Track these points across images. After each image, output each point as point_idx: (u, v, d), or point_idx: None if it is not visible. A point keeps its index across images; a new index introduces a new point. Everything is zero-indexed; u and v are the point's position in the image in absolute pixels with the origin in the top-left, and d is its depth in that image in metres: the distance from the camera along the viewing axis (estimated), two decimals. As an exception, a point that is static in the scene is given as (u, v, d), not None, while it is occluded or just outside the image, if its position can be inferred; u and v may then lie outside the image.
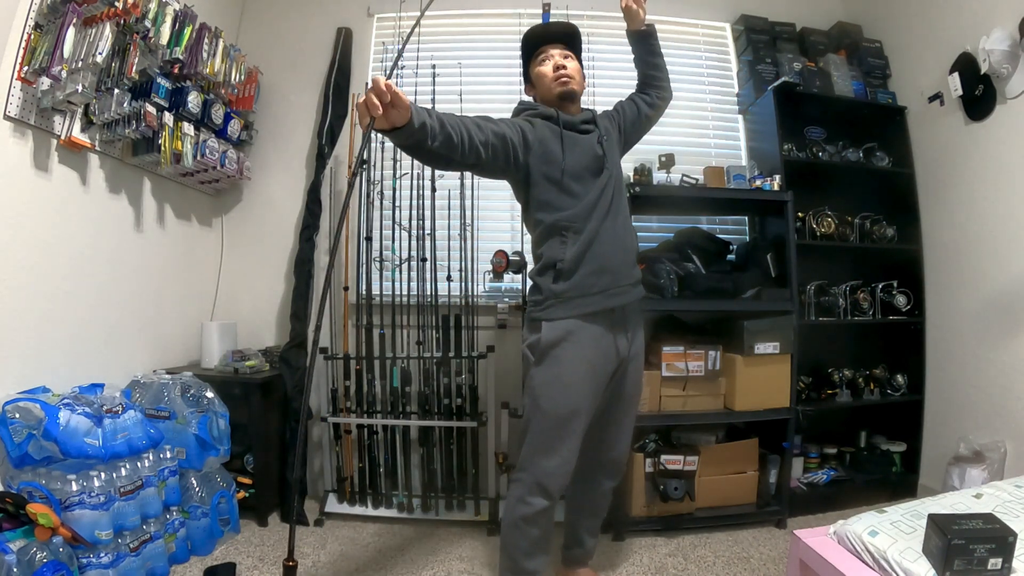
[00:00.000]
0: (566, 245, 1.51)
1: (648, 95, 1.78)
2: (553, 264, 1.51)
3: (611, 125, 1.70)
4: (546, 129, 1.54)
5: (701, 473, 2.19)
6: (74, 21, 1.64)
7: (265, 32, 2.77)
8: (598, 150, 1.58)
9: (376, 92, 1.14)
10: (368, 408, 2.36)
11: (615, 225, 1.57)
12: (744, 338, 2.17)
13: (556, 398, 1.49)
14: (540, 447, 1.51)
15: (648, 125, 1.83)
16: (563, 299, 1.50)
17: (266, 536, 2.13)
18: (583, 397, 1.51)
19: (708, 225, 2.67)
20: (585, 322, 1.51)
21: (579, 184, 1.54)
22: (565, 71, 1.61)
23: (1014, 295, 2.15)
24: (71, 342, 1.85)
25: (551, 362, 1.50)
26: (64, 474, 1.54)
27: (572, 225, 1.51)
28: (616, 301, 1.55)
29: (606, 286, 1.53)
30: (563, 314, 1.50)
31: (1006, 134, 2.18)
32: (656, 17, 2.79)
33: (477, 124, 1.40)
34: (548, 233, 1.55)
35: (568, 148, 1.54)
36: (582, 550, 1.78)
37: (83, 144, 1.83)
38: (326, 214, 2.58)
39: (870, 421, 2.68)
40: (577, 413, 1.50)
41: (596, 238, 1.52)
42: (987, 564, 1.02)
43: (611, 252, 1.54)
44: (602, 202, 1.54)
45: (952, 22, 2.39)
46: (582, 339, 1.50)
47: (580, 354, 1.50)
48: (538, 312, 1.53)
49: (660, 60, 1.79)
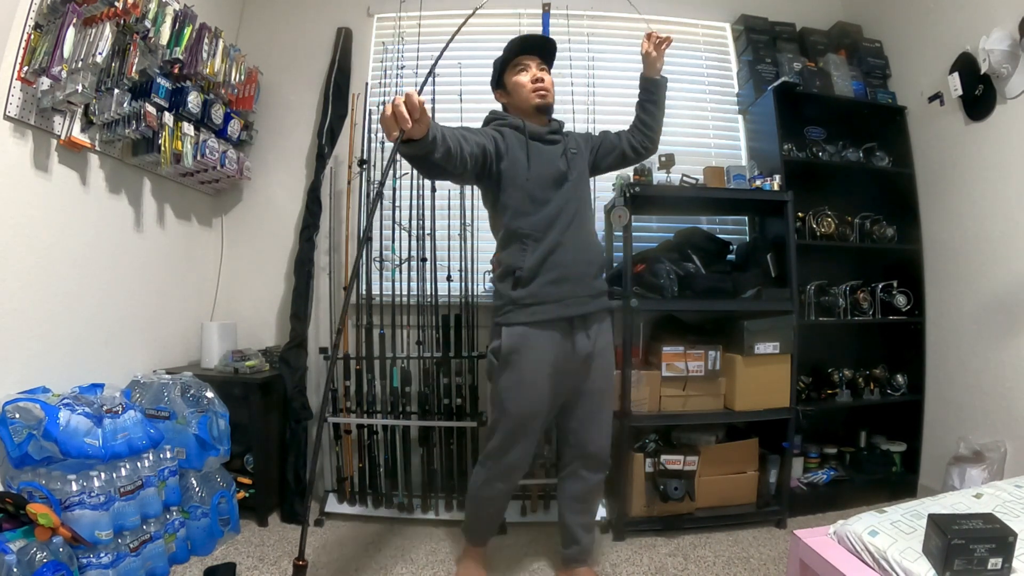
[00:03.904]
0: (526, 253, 1.58)
1: (635, 138, 1.83)
2: (512, 271, 1.59)
3: (584, 144, 1.77)
4: (513, 138, 1.61)
5: (701, 473, 2.18)
6: (74, 21, 1.64)
7: (265, 32, 2.77)
8: (561, 163, 1.64)
9: (410, 107, 1.20)
10: (368, 408, 2.36)
11: (577, 236, 1.62)
12: (744, 338, 2.17)
13: (519, 401, 1.59)
14: (505, 443, 1.64)
15: (622, 164, 1.91)
16: (520, 305, 1.57)
17: (266, 536, 2.13)
18: (543, 398, 1.60)
19: (708, 225, 2.67)
20: (542, 328, 1.57)
21: (542, 193, 1.60)
22: (543, 84, 1.67)
23: (1014, 295, 2.15)
24: (71, 342, 1.84)
25: (513, 367, 1.58)
26: (64, 474, 1.53)
27: (533, 233, 1.58)
28: (573, 311, 1.60)
29: (563, 295, 1.58)
30: (520, 319, 1.57)
31: (1006, 134, 2.18)
32: (656, 17, 2.82)
33: (464, 136, 1.47)
34: (509, 240, 1.62)
35: (533, 157, 1.60)
36: (579, 548, 1.79)
37: (83, 144, 1.83)
38: (326, 214, 2.58)
39: (870, 421, 2.68)
40: (537, 414, 1.61)
41: (557, 248, 1.58)
42: (987, 564, 1.02)
43: (571, 262, 1.60)
44: (564, 213, 1.60)
45: (952, 22, 2.39)
46: (539, 343, 1.57)
47: (539, 357, 1.57)
48: (498, 317, 1.62)
49: (660, 113, 1.83)
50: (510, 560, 1.99)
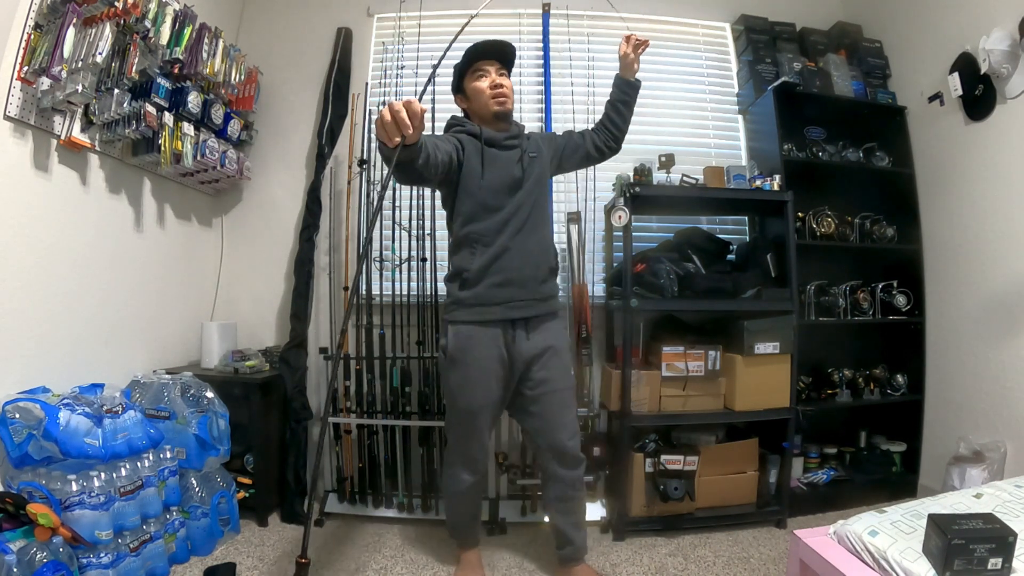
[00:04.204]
0: (474, 256, 1.63)
1: (600, 137, 1.87)
2: (460, 273, 1.65)
3: (546, 146, 1.80)
4: (470, 144, 1.64)
5: (701, 473, 2.18)
6: (74, 21, 1.64)
7: (265, 32, 2.77)
8: (516, 170, 1.67)
9: (411, 114, 1.22)
10: (368, 408, 2.36)
11: (527, 241, 1.66)
12: (744, 338, 2.17)
13: (468, 397, 1.66)
14: (462, 436, 1.73)
15: (586, 163, 1.97)
16: (465, 305, 1.64)
17: (266, 536, 2.13)
18: (491, 393, 1.67)
19: (708, 225, 2.67)
20: (486, 327, 1.63)
21: (495, 199, 1.64)
22: (502, 90, 1.70)
23: (1014, 295, 2.15)
24: (71, 342, 1.84)
25: (460, 366, 1.65)
26: (64, 474, 1.53)
27: (483, 238, 1.63)
28: (517, 314, 1.65)
29: (508, 298, 1.63)
30: (465, 318, 1.64)
31: (1006, 134, 2.18)
32: (656, 17, 2.83)
33: (436, 142, 1.51)
34: (461, 243, 1.67)
35: (488, 164, 1.64)
36: (573, 547, 1.81)
37: (83, 144, 1.83)
38: (326, 214, 2.58)
39: (870, 421, 2.68)
40: (487, 407, 1.68)
41: (504, 252, 1.63)
42: (987, 564, 1.02)
43: (518, 266, 1.64)
44: (516, 218, 1.64)
45: (952, 22, 2.39)
46: (484, 341, 1.63)
47: (484, 354, 1.63)
48: (446, 315, 1.70)
49: (628, 114, 1.87)
50: (510, 560, 1.99)
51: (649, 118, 2.73)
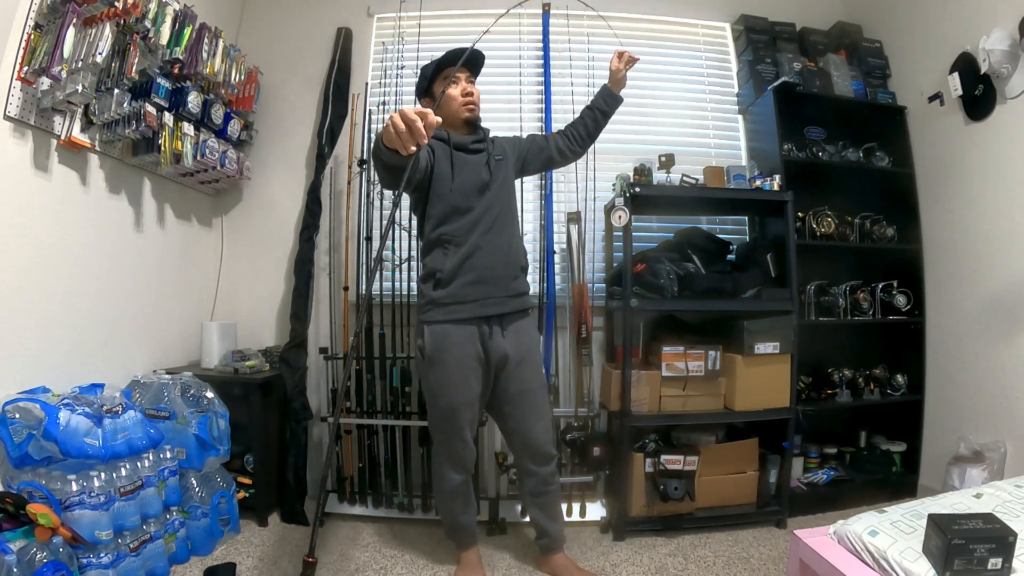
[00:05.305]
0: (447, 256, 1.67)
1: (564, 142, 1.91)
2: (433, 273, 1.68)
3: (511, 149, 1.85)
4: (440, 149, 1.69)
5: (701, 473, 2.18)
6: (74, 21, 1.63)
7: (265, 32, 2.77)
8: (484, 173, 1.72)
9: (427, 126, 1.24)
10: (368, 408, 2.36)
11: (498, 240, 1.71)
12: (744, 338, 2.17)
13: (449, 395, 1.69)
14: (446, 435, 1.75)
15: (549, 167, 2.02)
16: (439, 305, 1.67)
17: (266, 536, 2.13)
18: (470, 390, 1.69)
19: (708, 225, 2.67)
20: (461, 325, 1.66)
21: (465, 201, 1.68)
22: (472, 98, 1.75)
23: (1014, 295, 2.15)
24: (71, 342, 1.84)
25: (438, 365, 1.68)
26: (64, 474, 1.53)
27: (454, 239, 1.67)
28: (491, 311, 1.69)
29: (481, 296, 1.67)
30: (440, 318, 1.67)
31: (1006, 134, 2.18)
32: (656, 17, 2.84)
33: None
34: (433, 244, 1.70)
35: (457, 168, 1.69)
36: (549, 538, 1.88)
37: (83, 144, 1.83)
38: (326, 214, 2.58)
39: (870, 421, 2.68)
40: (466, 404, 1.70)
41: (476, 251, 1.67)
42: (987, 564, 1.02)
43: (490, 264, 1.69)
44: (486, 218, 1.69)
45: (952, 22, 2.39)
46: (459, 340, 1.66)
47: (461, 352, 1.66)
48: (421, 315, 1.72)
49: (604, 123, 1.93)
50: (510, 560, 1.99)
51: (649, 118, 2.74)
